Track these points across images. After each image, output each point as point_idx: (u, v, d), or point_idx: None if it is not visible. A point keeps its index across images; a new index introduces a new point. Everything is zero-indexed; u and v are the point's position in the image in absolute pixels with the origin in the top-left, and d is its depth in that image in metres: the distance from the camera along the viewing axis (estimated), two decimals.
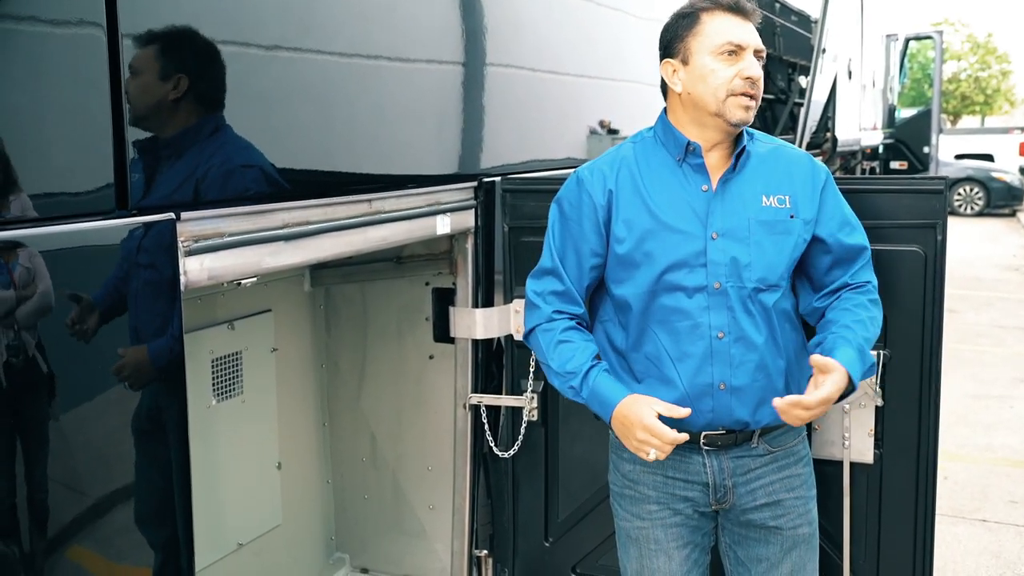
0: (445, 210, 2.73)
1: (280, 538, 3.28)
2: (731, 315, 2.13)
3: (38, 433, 1.59)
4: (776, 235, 2.15)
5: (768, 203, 2.16)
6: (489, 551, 3.08)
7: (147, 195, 1.77)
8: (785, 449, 2.25)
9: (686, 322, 2.14)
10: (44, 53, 1.57)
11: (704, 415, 2.16)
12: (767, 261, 2.14)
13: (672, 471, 2.24)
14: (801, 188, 2.19)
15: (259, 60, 2.02)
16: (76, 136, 1.64)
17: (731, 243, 2.13)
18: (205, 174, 1.92)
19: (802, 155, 2.27)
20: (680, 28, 2.18)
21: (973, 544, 4.58)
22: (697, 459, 2.21)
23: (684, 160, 2.18)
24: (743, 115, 2.12)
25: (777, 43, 6.46)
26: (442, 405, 3.19)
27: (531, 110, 3.19)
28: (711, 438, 2.18)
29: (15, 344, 1.52)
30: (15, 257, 1.52)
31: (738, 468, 2.21)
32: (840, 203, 2.26)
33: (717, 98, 2.12)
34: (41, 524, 1.60)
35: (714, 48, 2.12)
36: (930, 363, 2.53)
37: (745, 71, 2.11)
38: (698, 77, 2.14)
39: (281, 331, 3.23)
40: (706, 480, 2.22)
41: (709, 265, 2.13)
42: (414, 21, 2.54)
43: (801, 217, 2.17)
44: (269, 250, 2.10)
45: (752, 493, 2.22)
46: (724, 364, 2.13)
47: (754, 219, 2.15)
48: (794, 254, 2.17)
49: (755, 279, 2.13)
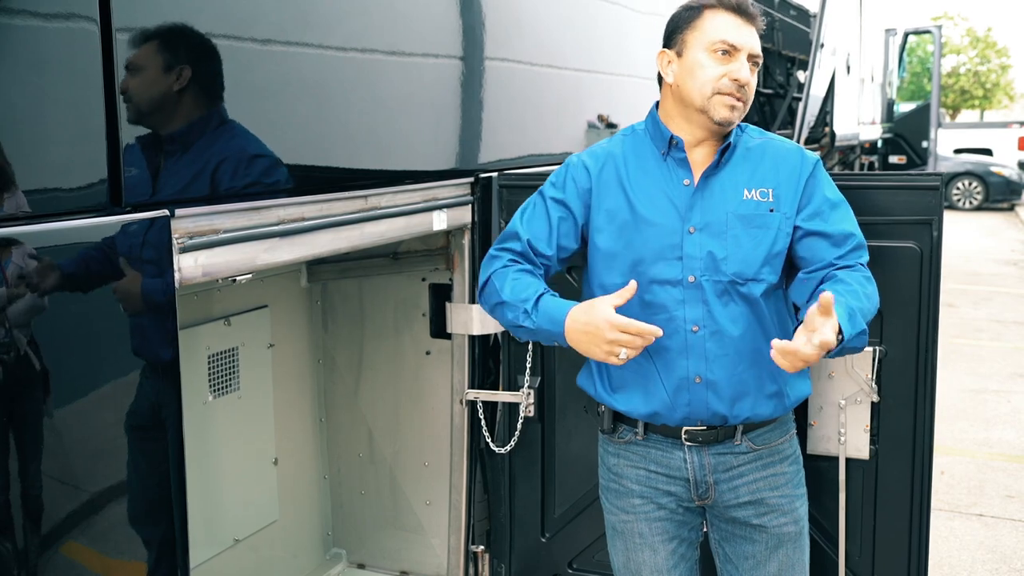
0: (442, 206, 2.73)
1: (277, 533, 3.29)
2: (706, 308, 2.13)
3: (33, 429, 1.59)
4: (754, 229, 2.14)
5: (749, 196, 2.16)
6: (486, 546, 3.08)
7: (141, 192, 1.77)
8: (770, 447, 2.25)
9: (662, 315, 2.14)
10: (38, 50, 1.57)
11: (681, 408, 2.17)
12: (743, 255, 2.13)
13: (655, 465, 2.25)
14: (786, 181, 2.18)
15: (254, 56, 2.02)
16: (70, 133, 1.64)
17: (708, 237, 2.13)
18: (200, 170, 1.92)
19: (791, 148, 2.26)
20: (682, 20, 2.19)
21: (969, 538, 4.59)
22: (679, 454, 2.22)
23: (668, 154, 2.19)
24: (727, 114, 2.12)
25: (776, 37, 6.46)
26: (439, 401, 3.19)
27: (528, 105, 3.19)
28: (692, 433, 2.19)
29: (9, 340, 1.52)
30: (9, 253, 1.51)
31: (720, 465, 2.22)
32: (824, 190, 2.21)
33: (703, 94, 2.12)
34: (37, 520, 1.60)
35: (708, 44, 2.13)
36: (926, 359, 2.54)
37: (734, 73, 2.11)
38: (688, 71, 2.15)
39: (278, 327, 3.23)
40: (687, 476, 2.23)
41: (685, 259, 2.13)
42: (410, 16, 2.54)
43: (782, 211, 2.16)
44: (264, 246, 2.10)
45: (735, 490, 2.23)
46: (699, 358, 2.14)
47: (732, 213, 2.14)
48: (774, 248, 2.15)
49: (731, 273, 2.13)
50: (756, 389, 2.17)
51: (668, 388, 2.16)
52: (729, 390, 2.15)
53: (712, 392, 2.15)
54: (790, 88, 6.88)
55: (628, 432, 2.27)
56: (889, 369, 2.55)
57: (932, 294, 2.52)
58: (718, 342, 2.13)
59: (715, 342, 2.13)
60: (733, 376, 2.15)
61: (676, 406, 2.17)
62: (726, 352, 2.14)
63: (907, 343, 2.54)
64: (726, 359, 2.14)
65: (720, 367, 2.14)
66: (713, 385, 2.15)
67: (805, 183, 2.19)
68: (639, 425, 2.24)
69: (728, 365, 2.14)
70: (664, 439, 2.22)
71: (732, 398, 2.16)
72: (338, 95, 2.27)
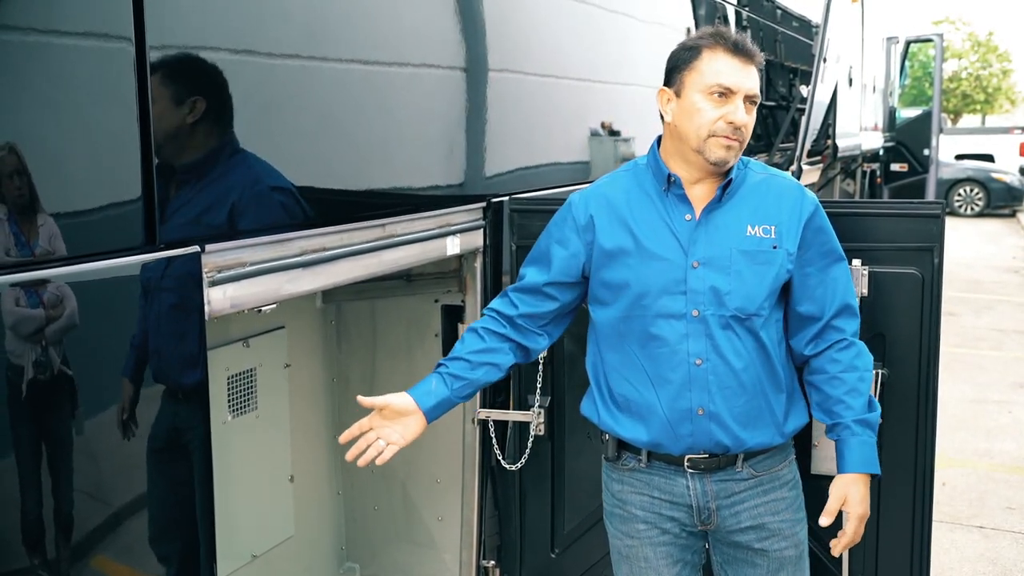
0: (455, 231, 2.80)
1: (293, 549, 3.35)
2: (710, 342, 2.17)
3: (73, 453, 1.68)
4: (758, 265, 2.19)
5: (753, 233, 2.20)
6: (497, 562, 3.14)
7: (174, 230, 1.84)
8: (770, 473, 2.30)
9: (665, 348, 2.19)
10: (74, 95, 1.64)
11: (684, 439, 2.22)
12: (747, 291, 2.18)
13: (658, 492, 2.30)
14: (787, 219, 2.22)
15: (279, 92, 2.09)
16: (106, 174, 1.71)
17: (712, 272, 2.17)
18: (229, 206, 1.99)
19: (793, 185, 2.30)
20: (681, 60, 2.21)
21: (970, 551, 4.64)
22: (681, 481, 2.27)
23: (668, 190, 2.23)
24: (723, 154, 2.15)
25: (779, 50, 6.52)
26: (451, 419, 3.22)
27: (539, 130, 3.26)
28: (694, 461, 2.24)
29: (48, 371, 1.60)
30: (47, 291, 1.59)
31: (722, 491, 2.27)
32: (823, 239, 2.27)
33: (699, 136, 2.15)
34: (69, 536, 1.68)
35: (705, 87, 2.15)
36: (927, 381, 2.60)
37: (730, 116, 2.13)
38: (685, 112, 2.18)
39: (294, 347, 3.30)
40: (690, 502, 2.28)
41: (689, 293, 2.18)
42: (425, 51, 2.60)
43: (784, 247, 2.21)
44: (288, 277, 2.17)
45: (736, 516, 2.28)
46: (702, 390, 2.19)
47: (736, 249, 2.18)
48: (775, 284, 2.21)
49: (734, 307, 2.18)
50: (757, 419, 2.22)
51: (672, 419, 2.21)
52: (732, 421, 2.20)
53: (715, 423, 2.20)
54: (793, 100, 6.94)
55: (632, 460, 2.32)
56: (891, 391, 2.61)
57: (933, 318, 2.59)
58: (721, 375, 2.18)
59: (718, 375, 2.18)
60: (735, 407, 2.20)
61: (679, 436, 2.22)
62: (729, 384, 2.19)
63: (909, 366, 2.61)
64: (729, 391, 2.19)
65: (723, 399, 2.19)
66: (716, 417, 2.20)
67: (804, 226, 2.23)
68: (643, 453, 2.29)
69: (731, 397, 2.19)
70: (667, 466, 2.28)
71: (735, 429, 2.21)
72: (357, 125, 2.33)
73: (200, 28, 1.88)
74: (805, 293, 2.26)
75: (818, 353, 2.28)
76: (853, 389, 2.25)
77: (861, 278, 2.57)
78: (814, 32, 7.52)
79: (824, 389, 2.28)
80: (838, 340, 2.27)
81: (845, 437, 2.25)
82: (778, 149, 6.47)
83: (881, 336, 2.61)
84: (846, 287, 2.30)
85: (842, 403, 2.25)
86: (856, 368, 2.26)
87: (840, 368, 2.26)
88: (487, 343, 2.31)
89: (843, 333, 2.27)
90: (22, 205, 1.55)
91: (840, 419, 2.25)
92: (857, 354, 2.28)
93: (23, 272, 1.54)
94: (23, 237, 1.56)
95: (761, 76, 2.24)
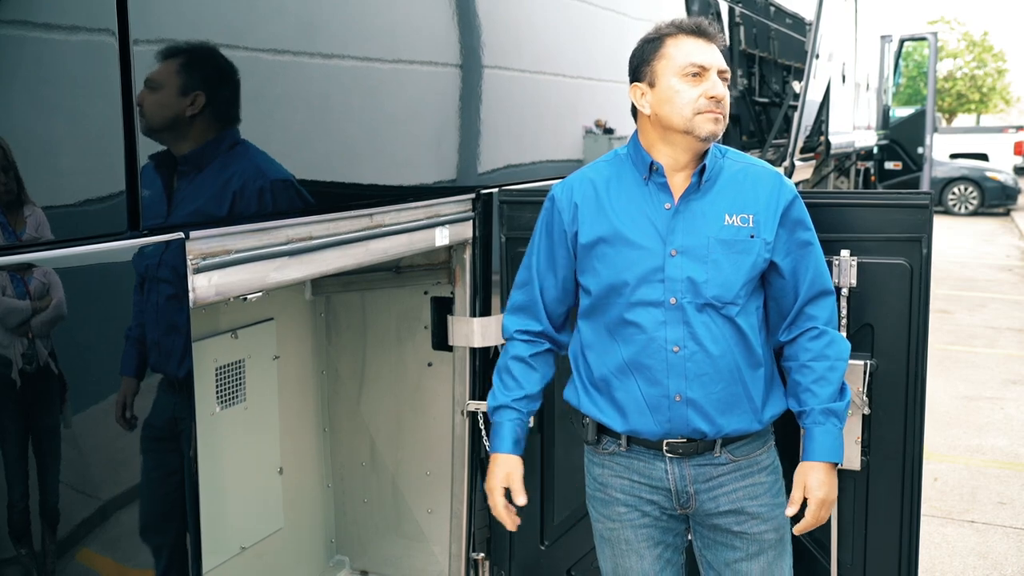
0: (444, 222, 2.80)
1: (282, 541, 3.35)
2: (687, 329, 2.20)
3: (56, 443, 1.67)
4: (735, 254, 2.21)
5: (731, 222, 2.22)
6: (486, 554, 3.14)
7: (158, 216, 1.84)
8: (749, 459, 2.31)
9: (642, 335, 2.22)
10: (58, 82, 1.63)
11: (662, 425, 2.24)
12: (723, 280, 2.20)
13: (637, 475, 2.33)
14: (765, 208, 2.24)
15: (264, 78, 2.08)
16: (90, 160, 1.70)
17: (689, 261, 2.20)
18: (214, 193, 1.98)
19: (771, 174, 2.32)
20: (646, 52, 2.26)
21: (961, 545, 4.65)
22: (660, 465, 2.30)
23: (649, 179, 2.26)
24: (712, 127, 2.18)
25: (771, 47, 6.53)
26: (440, 411, 3.25)
27: (528, 122, 3.26)
28: (672, 445, 2.27)
29: (34, 358, 1.59)
30: (32, 276, 1.58)
31: (700, 476, 2.29)
32: (800, 228, 2.29)
33: (684, 117, 2.18)
34: (54, 528, 1.67)
35: (679, 70, 2.19)
36: (916, 372, 2.61)
37: (710, 91, 2.18)
38: (664, 99, 2.21)
39: (283, 339, 3.29)
40: (669, 486, 2.30)
41: (667, 281, 2.20)
42: (413, 40, 2.60)
43: (761, 237, 2.23)
44: (274, 265, 2.16)
45: (715, 500, 2.30)
46: (679, 377, 2.21)
47: (714, 238, 2.21)
48: (752, 273, 2.23)
49: (710, 296, 2.20)
50: (735, 405, 2.24)
51: (650, 405, 2.23)
52: (709, 407, 2.22)
53: (693, 409, 2.22)
54: (786, 97, 6.95)
55: (612, 444, 2.34)
56: (879, 382, 2.62)
57: (922, 309, 2.59)
58: (698, 361, 2.20)
59: (695, 362, 2.20)
60: (713, 394, 2.22)
61: (657, 422, 2.24)
62: (706, 371, 2.21)
63: (897, 357, 2.61)
64: (706, 378, 2.21)
65: (700, 385, 2.21)
66: (693, 403, 2.21)
67: (781, 215, 2.25)
68: (622, 437, 2.31)
69: (708, 383, 2.21)
70: (646, 451, 2.30)
71: (712, 415, 2.22)
72: (344, 114, 2.33)
73: (185, 13, 1.88)
74: (779, 280, 2.28)
75: (791, 340, 2.31)
76: (821, 378, 2.27)
77: (850, 269, 2.57)
78: (807, 29, 7.52)
79: (794, 376, 2.31)
80: (810, 328, 2.29)
81: (808, 425, 2.28)
82: (771, 145, 6.48)
83: (869, 327, 2.61)
84: (820, 274, 2.31)
85: (809, 391, 2.27)
86: (827, 357, 2.28)
87: (810, 356, 2.28)
88: (539, 370, 2.45)
89: (816, 321, 2.29)
90: (3, 189, 1.54)
91: (806, 407, 2.28)
92: (829, 343, 2.29)
93: (1, 256, 1.54)
94: (2, 219, 1.55)
95: (724, 56, 2.26)
